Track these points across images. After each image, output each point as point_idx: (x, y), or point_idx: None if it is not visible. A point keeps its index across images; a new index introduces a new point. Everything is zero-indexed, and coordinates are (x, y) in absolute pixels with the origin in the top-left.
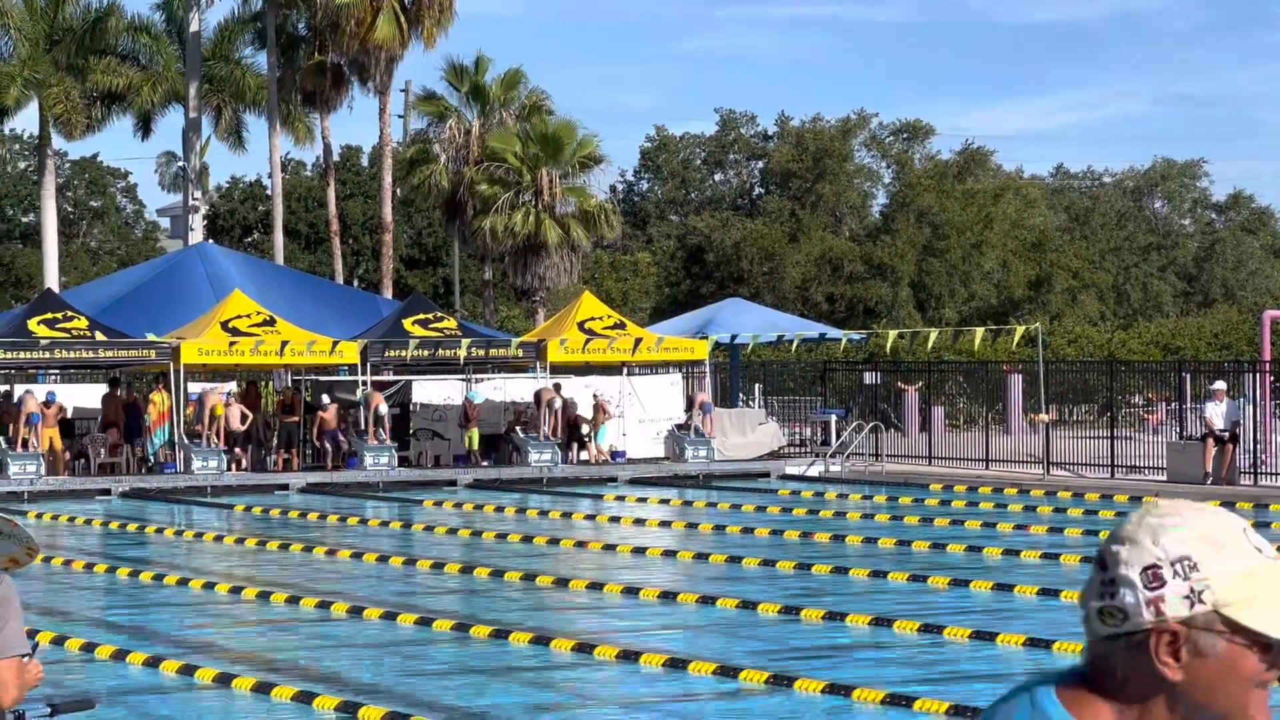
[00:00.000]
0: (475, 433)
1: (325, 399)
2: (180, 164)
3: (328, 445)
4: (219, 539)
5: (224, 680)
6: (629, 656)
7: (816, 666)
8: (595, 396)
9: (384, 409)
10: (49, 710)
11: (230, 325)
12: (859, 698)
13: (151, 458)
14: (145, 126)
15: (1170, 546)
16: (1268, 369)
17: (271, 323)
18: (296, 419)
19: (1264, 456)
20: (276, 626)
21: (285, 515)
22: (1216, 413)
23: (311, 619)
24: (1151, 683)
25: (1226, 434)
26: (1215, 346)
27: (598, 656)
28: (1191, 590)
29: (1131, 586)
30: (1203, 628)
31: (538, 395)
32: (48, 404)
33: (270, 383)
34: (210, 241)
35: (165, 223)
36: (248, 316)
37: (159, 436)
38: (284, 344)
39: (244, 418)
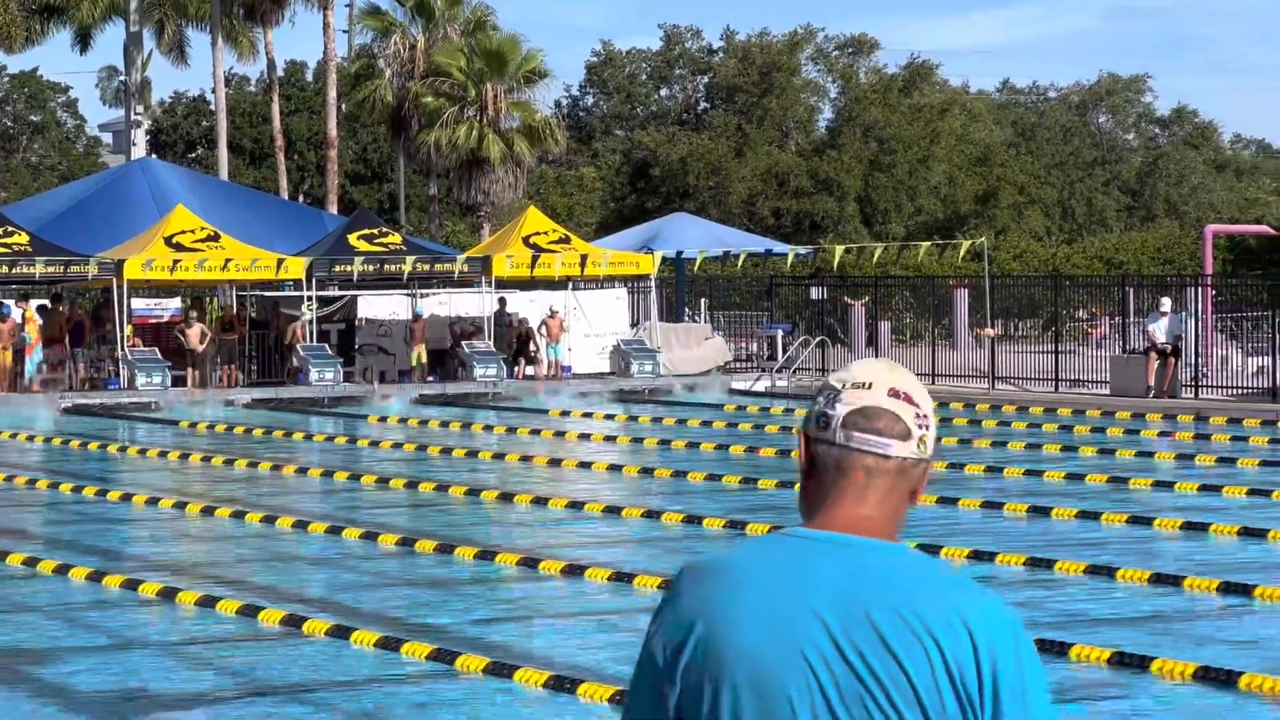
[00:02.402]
0: (423, 349)
1: (305, 309)
2: (122, 79)
3: (294, 359)
4: (163, 454)
5: (168, 594)
6: (574, 571)
7: None
8: (552, 311)
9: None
10: None
11: (174, 241)
12: None
13: (29, 380)
14: (85, 40)
15: (926, 403)
16: (1209, 283)
17: (216, 238)
18: (235, 336)
19: (1205, 370)
20: (221, 541)
21: (230, 430)
22: (1159, 326)
23: (256, 533)
24: (901, 500)
25: (1169, 347)
26: (1158, 261)
27: (543, 571)
28: (934, 439)
29: (929, 426)
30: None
31: (506, 318)
32: (1, 318)
33: (215, 299)
34: (153, 157)
35: (107, 138)
36: (191, 232)
37: (37, 356)
38: (228, 260)
39: (203, 336)
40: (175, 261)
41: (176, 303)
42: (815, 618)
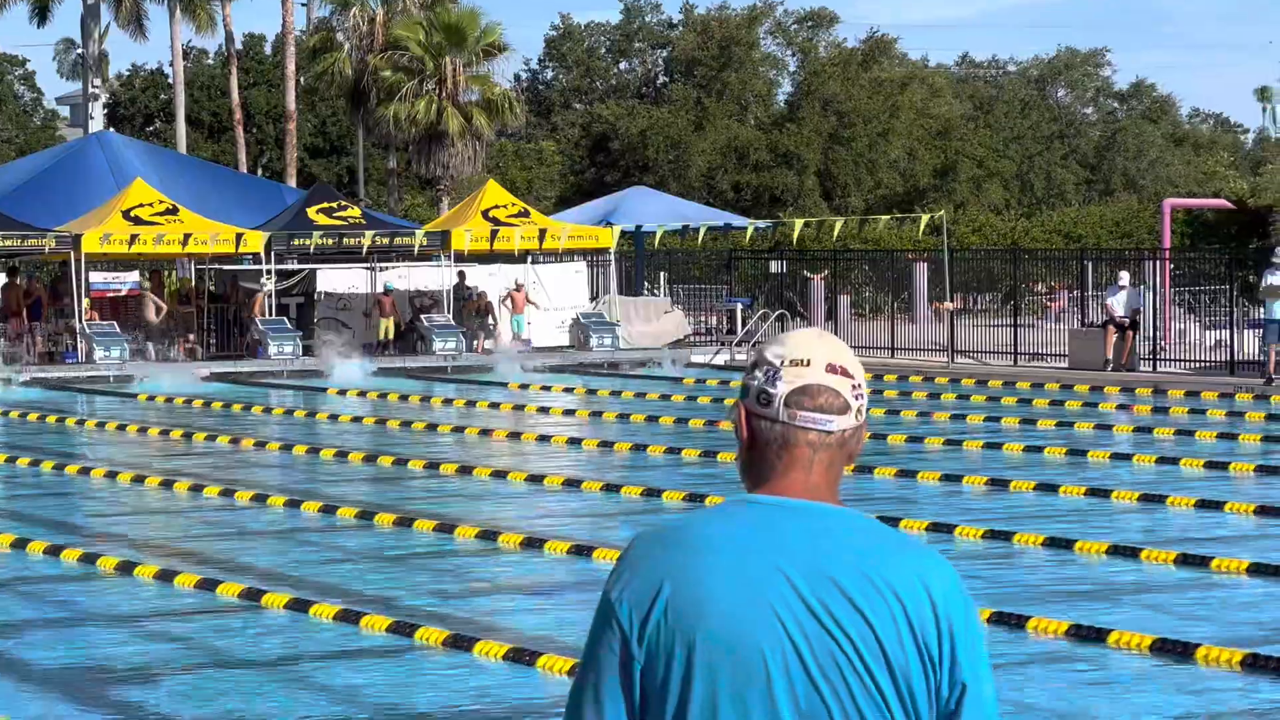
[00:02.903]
0: (390, 323)
1: (265, 281)
2: (79, 51)
3: (253, 332)
4: (121, 428)
5: (126, 568)
6: (533, 544)
7: None
8: (517, 284)
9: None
10: None
11: (132, 214)
12: None
13: None
14: (42, 13)
15: (859, 373)
16: (1168, 257)
17: (174, 211)
18: (192, 309)
19: (1163, 343)
20: (179, 514)
21: (189, 404)
22: (1117, 300)
23: (215, 507)
24: (841, 467)
25: (1127, 321)
26: (1116, 235)
27: (502, 544)
28: (868, 404)
29: (863, 394)
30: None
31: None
32: None
33: (174, 272)
34: (111, 130)
35: (65, 111)
36: (150, 205)
37: None
38: (187, 234)
39: (159, 310)
40: (133, 235)
41: (135, 276)
42: (784, 579)
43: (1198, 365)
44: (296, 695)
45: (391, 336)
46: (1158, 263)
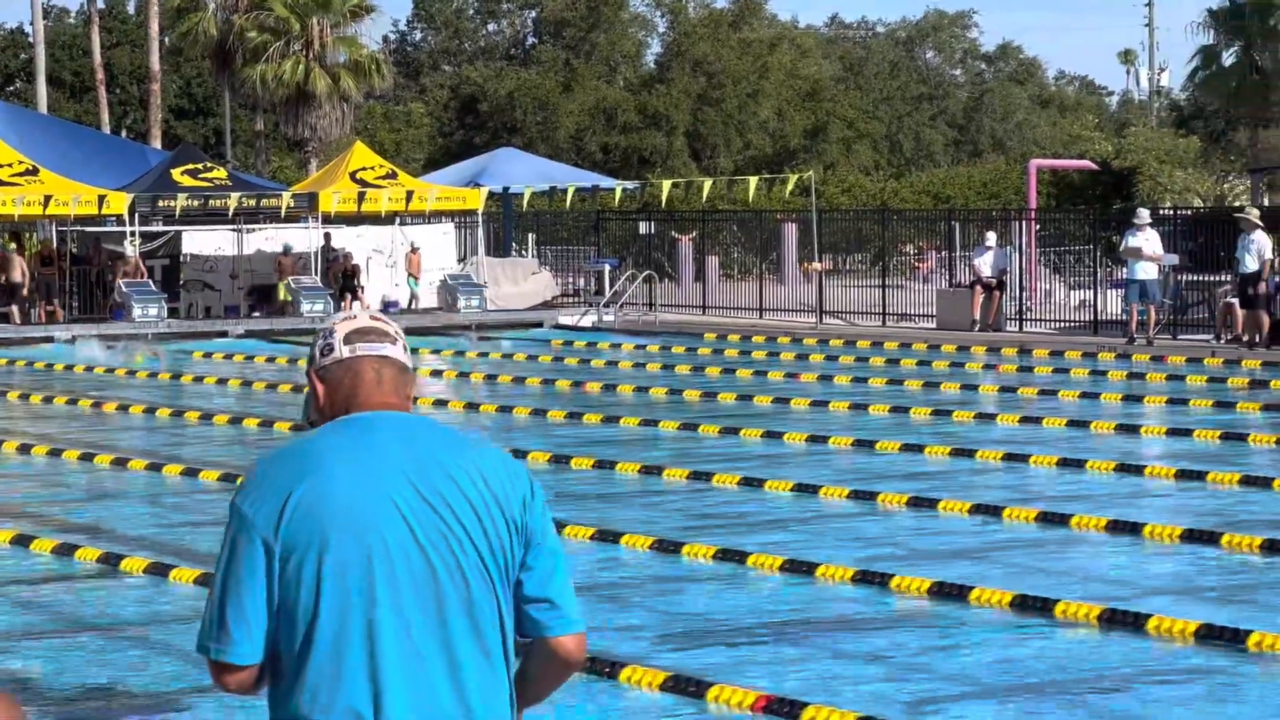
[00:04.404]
0: (285, 285)
1: (129, 244)
2: None
3: (116, 295)
4: None
5: None
6: None
7: (586, 515)
8: (414, 247)
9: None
10: None
11: None
12: (627, 543)
13: None
14: None
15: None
16: (1033, 218)
17: (35, 173)
18: (53, 271)
19: (1030, 303)
20: (38, 479)
21: (50, 368)
22: (984, 260)
23: (75, 471)
24: (409, 390)
25: (994, 281)
26: (984, 195)
27: None
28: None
29: (405, 346)
30: None
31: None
32: None
33: (34, 234)
34: None
35: None
36: (9, 166)
37: None
38: (48, 196)
39: (23, 271)
40: None
41: None
42: (394, 471)
43: (1062, 325)
44: (155, 660)
45: (288, 298)
46: (1024, 223)
